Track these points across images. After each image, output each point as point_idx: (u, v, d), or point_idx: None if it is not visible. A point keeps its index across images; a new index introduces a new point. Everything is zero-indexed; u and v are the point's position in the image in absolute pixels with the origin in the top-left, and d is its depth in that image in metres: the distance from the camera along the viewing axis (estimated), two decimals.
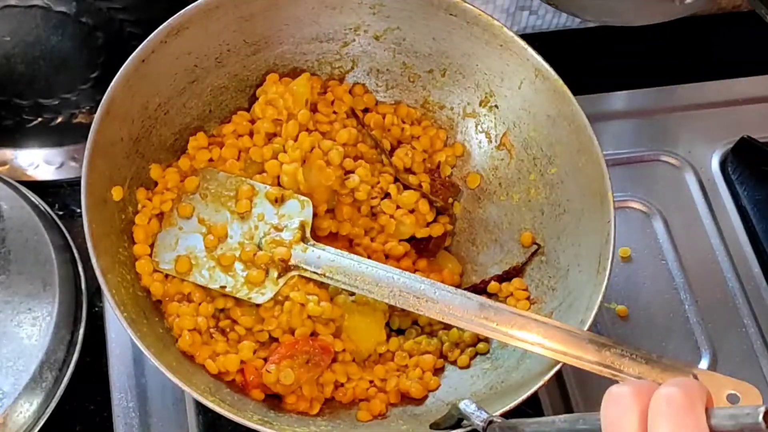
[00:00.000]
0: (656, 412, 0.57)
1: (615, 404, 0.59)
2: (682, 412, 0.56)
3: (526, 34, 1.17)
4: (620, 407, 0.59)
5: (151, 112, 0.89)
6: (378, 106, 0.98)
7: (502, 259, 0.94)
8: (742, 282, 1.02)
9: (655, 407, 0.57)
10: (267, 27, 0.93)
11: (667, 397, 0.57)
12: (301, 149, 0.91)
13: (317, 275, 0.87)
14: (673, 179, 1.08)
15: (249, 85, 0.95)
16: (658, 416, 0.57)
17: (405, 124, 0.97)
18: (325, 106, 0.95)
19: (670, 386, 0.57)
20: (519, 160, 0.95)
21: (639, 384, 0.59)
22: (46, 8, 0.96)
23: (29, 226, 0.94)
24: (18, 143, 1.04)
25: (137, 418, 0.91)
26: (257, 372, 0.84)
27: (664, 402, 0.57)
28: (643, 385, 0.59)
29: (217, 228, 0.89)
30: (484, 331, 0.82)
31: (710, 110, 1.13)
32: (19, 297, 0.91)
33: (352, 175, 0.92)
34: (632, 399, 0.58)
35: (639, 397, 0.58)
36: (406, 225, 0.93)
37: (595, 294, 0.83)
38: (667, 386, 0.57)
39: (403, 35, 0.95)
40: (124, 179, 0.88)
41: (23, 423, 0.87)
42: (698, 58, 1.20)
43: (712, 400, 0.58)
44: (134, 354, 0.93)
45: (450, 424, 0.77)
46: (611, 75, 1.17)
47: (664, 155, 1.09)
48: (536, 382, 0.80)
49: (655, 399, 0.57)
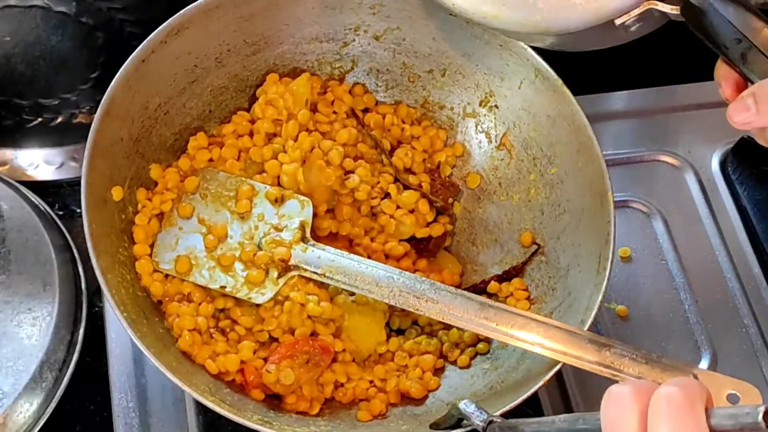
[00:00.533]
0: (656, 411, 0.57)
1: (615, 404, 0.59)
2: (682, 411, 0.56)
3: None
4: (620, 407, 0.58)
5: (151, 112, 0.89)
6: (378, 106, 0.98)
7: (502, 259, 0.94)
8: (742, 282, 1.02)
9: (655, 407, 0.57)
10: (267, 27, 0.93)
11: (667, 396, 0.57)
12: (301, 149, 0.91)
13: (317, 275, 0.87)
14: (673, 179, 1.08)
15: (249, 85, 0.95)
16: (658, 416, 0.57)
17: (405, 124, 0.97)
18: (325, 106, 0.95)
19: (670, 386, 0.57)
20: (519, 160, 0.95)
21: (639, 384, 0.59)
22: (46, 8, 0.96)
23: (29, 226, 0.94)
24: (18, 143, 1.03)
25: (137, 418, 0.90)
26: (257, 372, 0.84)
27: (664, 402, 0.57)
28: (643, 385, 0.59)
29: (217, 228, 0.89)
30: (484, 331, 0.82)
31: (710, 110, 1.13)
32: (19, 297, 0.90)
33: (352, 175, 0.92)
34: (632, 398, 0.58)
35: (639, 397, 0.58)
36: (406, 225, 0.93)
37: (595, 294, 0.83)
38: (667, 386, 0.57)
39: (403, 35, 0.95)
40: (124, 179, 0.88)
41: (23, 423, 0.87)
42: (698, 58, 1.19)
43: (712, 399, 0.58)
44: (134, 354, 0.93)
45: (450, 424, 0.77)
46: (611, 75, 1.17)
47: (664, 155, 1.09)
48: (536, 382, 0.80)
49: (655, 399, 0.57)
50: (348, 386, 0.87)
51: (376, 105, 0.97)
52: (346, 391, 0.87)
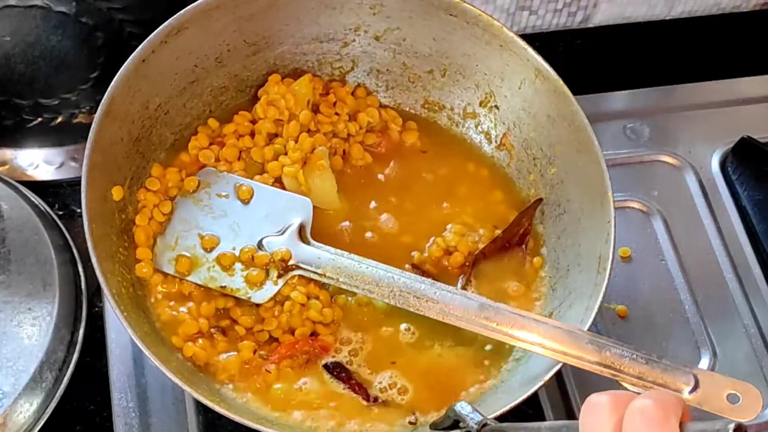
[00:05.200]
0: (630, 423, 0.57)
1: (592, 413, 0.59)
2: (656, 424, 0.56)
3: (526, 34, 1.17)
4: (597, 416, 0.59)
5: (151, 112, 0.89)
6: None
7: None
8: (742, 282, 1.02)
9: (629, 419, 0.57)
10: (267, 27, 0.93)
11: (642, 409, 0.57)
12: (301, 150, 0.91)
13: (317, 275, 0.87)
14: (673, 179, 1.08)
15: (249, 86, 0.95)
16: (632, 428, 0.57)
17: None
18: (327, 107, 0.95)
19: (646, 398, 0.57)
20: (519, 160, 0.95)
21: (617, 394, 0.60)
22: (46, 8, 0.96)
23: (29, 226, 0.94)
24: (18, 143, 1.03)
25: (137, 418, 0.91)
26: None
27: (638, 414, 0.57)
28: (620, 395, 0.59)
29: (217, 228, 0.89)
30: (484, 331, 0.82)
31: (710, 110, 1.13)
32: (19, 297, 0.90)
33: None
34: (608, 408, 0.59)
35: (616, 408, 0.58)
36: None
37: (595, 294, 0.83)
38: (642, 398, 0.58)
39: (403, 35, 0.95)
40: (124, 179, 0.88)
41: (23, 423, 0.87)
42: (698, 58, 1.20)
43: (688, 414, 0.58)
44: (134, 354, 0.93)
45: (447, 425, 0.77)
46: (611, 75, 1.17)
47: (664, 155, 1.09)
48: (536, 382, 0.80)
49: (629, 411, 0.57)
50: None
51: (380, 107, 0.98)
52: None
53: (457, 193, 0.95)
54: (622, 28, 1.21)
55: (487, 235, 0.92)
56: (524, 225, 0.92)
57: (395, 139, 0.98)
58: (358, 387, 0.85)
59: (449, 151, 0.98)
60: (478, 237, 0.92)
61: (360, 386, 0.85)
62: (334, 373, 0.85)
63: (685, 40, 1.21)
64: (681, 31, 1.22)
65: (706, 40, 1.21)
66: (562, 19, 1.19)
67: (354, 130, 0.95)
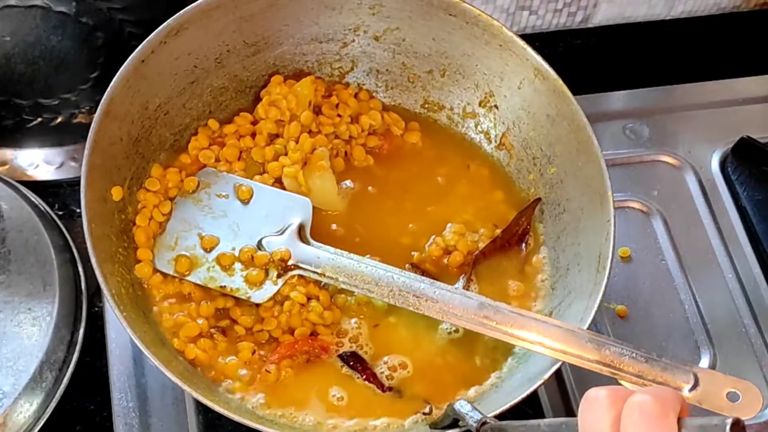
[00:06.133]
0: (628, 419, 0.57)
1: (590, 408, 0.59)
2: (654, 420, 0.56)
3: (526, 34, 1.17)
4: (595, 412, 0.59)
5: (151, 112, 0.90)
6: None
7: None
8: (742, 282, 1.02)
9: (628, 414, 0.57)
10: (267, 27, 0.93)
11: (640, 404, 0.57)
12: (302, 151, 0.91)
13: (317, 275, 0.87)
14: (673, 179, 1.08)
15: (249, 86, 0.96)
16: (630, 423, 0.57)
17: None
18: (330, 109, 0.95)
19: (644, 394, 0.58)
20: (518, 160, 0.95)
21: (615, 389, 0.60)
22: (46, 8, 0.96)
23: (29, 226, 0.94)
24: (18, 143, 1.04)
25: (137, 418, 0.91)
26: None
27: (636, 409, 0.57)
28: (618, 391, 0.59)
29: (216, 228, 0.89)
30: (484, 330, 0.82)
31: (710, 110, 1.13)
32: (19, 297, 0.91)
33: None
34: (607, 404, 0.59)
35: (614, 403, 0.59)
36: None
37: (594, 294, 0.83)
38: (641, 393, 0.58)
39: (402, 36, 0.95)
40: (124, 179, 0.88)
41: (23, 423, 0.87)
42: (698, 58, 1.20)
43: (687, 409, 0.58)
44: (134, 354, 0.93)
45: (447, 423, 0.77)
46: (611, 75, 1.17)
47: (664, 155, 1.09)
48: (535, 380, 0.80)
49: (627, 406, 0.58)
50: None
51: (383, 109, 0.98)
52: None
53: (457, 193, 0.95)
54: (622, 28, 1.21)
55: (487, 235, 0.92)
56: (523, 224, 0.92)
57: (397, 141, 0.98)
58: (373, 377, 0.85)
59: (449, 151, 0.98)
60: (478, 236, 0.92)
61: (374, 376, 0.85)
62: (350, 363, 0.85)
63: (685, 40, 1.21)
64: (681, 31, 1.22)
65: (706, 40, 1.21)
66: (562, 19, 1.19)
67: (356, 133, 0.95)
